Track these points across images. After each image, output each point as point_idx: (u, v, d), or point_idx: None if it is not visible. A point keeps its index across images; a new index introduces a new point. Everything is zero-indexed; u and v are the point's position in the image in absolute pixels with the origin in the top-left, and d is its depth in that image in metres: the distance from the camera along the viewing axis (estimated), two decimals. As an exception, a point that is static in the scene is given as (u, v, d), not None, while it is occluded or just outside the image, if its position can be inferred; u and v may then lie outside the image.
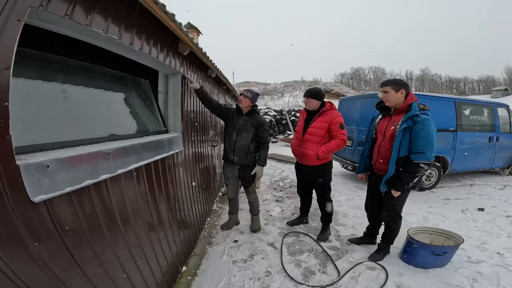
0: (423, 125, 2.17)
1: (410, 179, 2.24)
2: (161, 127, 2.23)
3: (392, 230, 2.59)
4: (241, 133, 2.88)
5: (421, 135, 2.16)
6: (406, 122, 2.23)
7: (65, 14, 1.07)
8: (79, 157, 1.15)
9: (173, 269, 2.18)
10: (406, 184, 2.27)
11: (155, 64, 2.01)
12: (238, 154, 2.90)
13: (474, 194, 4.79)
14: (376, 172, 2.57)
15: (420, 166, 2.18)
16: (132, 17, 1.56)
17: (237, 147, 2.88)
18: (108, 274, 1.34)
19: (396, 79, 2.41)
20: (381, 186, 2.41)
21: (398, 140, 2.25)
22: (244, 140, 2.88)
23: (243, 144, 2.88)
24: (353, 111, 5.55)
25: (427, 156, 2.17)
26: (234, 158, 2.92)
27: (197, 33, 8.00)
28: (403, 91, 2.31)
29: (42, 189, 0.97)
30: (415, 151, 2.19)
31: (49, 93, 1.32)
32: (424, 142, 2.16)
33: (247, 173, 3.00)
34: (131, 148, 1.53)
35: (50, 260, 1.01)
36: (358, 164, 2.82)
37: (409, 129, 2.22)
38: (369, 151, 2.66)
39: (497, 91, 22.74)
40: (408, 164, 2.23)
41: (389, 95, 2.34)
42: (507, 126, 5.90)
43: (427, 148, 2.16)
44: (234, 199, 3.28)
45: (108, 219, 1.35)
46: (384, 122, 2.49)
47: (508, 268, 2.41)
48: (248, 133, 2.88)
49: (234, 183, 3.15)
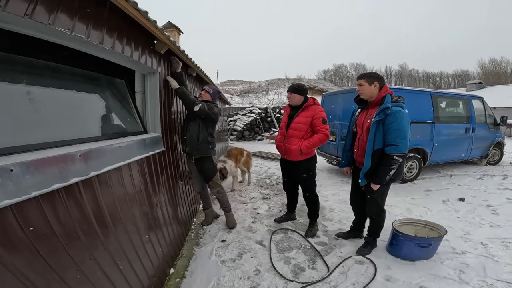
0: (394, 117, 2.19)
1: (386, 171, 2.26)
2: (139, 128, 2.15)
3: (377, 223, 2.61)
4: (189, 124, 2.84)
5: (393, 127, 2.19)
6: (378, 115, 2.25)
7: (25, 14, 1.03)
8: (45, 160, 1.08)
9: (160, 272, 2.13)
10: (383, 176, 2.28)
11: (129, 63, 1.94)
12: (191, 147, 2.86)
13: (454, 185, 4.94)
14: (358, 166, 2.60)
15: (394, 159, 2.21)
16: (102, 15, 1.51)
17: (188, 138, 2.84)
18: (88, 280, 1.30)
19: (371, 72, 2.44)
20: (360, 179, 2.43)
21: (372, 133, 2.27)
22: (192, 132, 2.82)
23: (193, 137, 2.82)
24: (336, 106, 5.62)
25: (399, 148, 2.19)
26: (186, 149, 2.91)
27: (177, 32, 7.85)
28: (376, 84, 2.34)
29: (7, 193, 0.93)
30: (388, 144, 2.22)
31: (13, 95, 1.24)
32: (396, 134, 2.19)
33: (204, 166, 2.97)
34: (105, 150, 1.46)
35: (24, 266, 0.99)
36: (341, 158, 2.85)
37: (382, 122, 2.24)
38: (350, 144, 2.69)
39: (472, 84, 23.60)
40: (384, 157, 2.25)
41: (363, 88, 2.38)
42: (483, 118, 6.14)
43: (398, 140, 2.18)
44: (201, 192, 3.27)
45: (84, 223, 1.30)
46: (362, 115, 2.52)
47: (493, 258, 2.44)
48: (195, 122, 2.81)
49: (196, 176, 3.13)
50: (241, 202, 4.17)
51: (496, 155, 6.68)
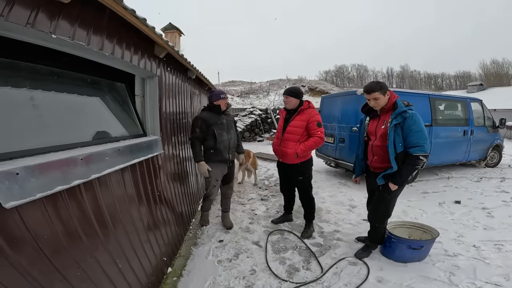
0: (413, 120, 2.25)
1: (409, 171, 2.30)
2: (138, 131, 2.22)
3: (379, 230, 2.63)
4: (230, 132, 3.03)
5: (414, 129, 2.24)
6: (395, 119, 2.30)
7: (27, 23, 1.07)
8: (49, 164, 1.14)
9: (158, 270, 2.18)
10: (406, 176, 2.32)
11: (129, 68, 2.00)
12: (232, 151, 3.07)
13: (451, 187, 4.96)
14: (373, 171, 2.61)
15: (420, 159, 2.25)
16: (101, 22, 1.55)
17: (231, 145, 3.03)
18: (89, 278, 1.36)
19: (378, 82, 2.45)
20: (378, 179, 2.44)
21: (392, 137, 2.31)
22: (234, 137, 3.08)
23: (235, 141, 3.09)
24: (334, 109, 5.64)
25: (424, 149, 2.25)
26: (230, 156, 3.05)
27: (178, 33, 7.90)
28: (389, 93, 2.40)
29: (13, 196, 0.99)
30: (412, 145, 2.26)
31: (17, 100, 1.29)
32: (418, 136, 2.25)
33: (233, 168, 3.22)
34: (105, 153, 1.52)
35: (28, 264, 1.04)
36: (356, 168, 2.86)
37: (400, 125, 2.29)
38: (363, 153, 2.70)
39: (473, 86, 23.52)
40: (408, 158, 2.29)
41: (379, 101, 2.38)
42: (481, 120, 6.16)
43: (422, 141, 2.24)
44: (215, 198, 3.39)
45: (85, 223, 1.36)
46: (374, 123, 2.55)
47: (484, 261, 2.46)
48: (234, 130, 3.11)
49: (219, 183, 3.20)
50: (239, 203, 4.22)
51: (494, 158, 6.70)
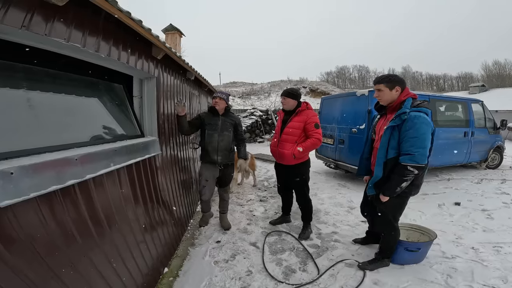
0: (412, 123, 1.94)
1: (397, 182, 2.01)
2: (136, 132, 2.23)
3: (387, 241, 2.39)
4: (222, 133, 3.01)
5: (410, 134, 1.95)
6: (393, 120, 2.04)
7: (22, 26, 1.08)
8: (44, 164, 1.16)
9: (154, 270, 2.19)
10: (394, 187, 2.03)
11: (126, 69, 2.02)
12: (222, 153, 3.03)
13: (451, 189, 4.94)
14: None
15: (408, 169, 1.95)
16: (97, 24, 1.57)
17: (220, 146, 3.00)
18: (83, 277, 1.36)
19: (391, 75, 2.20)
20: (368, 189, 2.27)
21: (385, 140, 2.07)
22: (226, 139, 3.04)
23: (226, 144, 3.04)
24: (334, 110, 5.65)
25: (415, 158, 1.93)
26: (218, 158, 3.02)
27: (179, 34, 7.93)
28: (398, 88, 2.10)
29: (7, 194, 1.00)
30: (403, 153, 1.98)
31: (14, 101, 1.31)
32: (412, 142, 1.94)
33: (228, 172, 3.18)
34: (100, 154, 1.53)
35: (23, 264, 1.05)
36: (359, 166, 2.65)
37: (398, 128, 2.01)
38: (368, 152, 2.50)
39: (474, 87, 23.36)
40: (397, 166, 2.03)
41: (382, 94, 2.15)
42: (482, 121, 6.13)
43: (415, 149, 1.93)
44: (209, 200, 3.33)
45: (79, 222, 1.37)
46: (380, 122, 2.32)
47: (482, 263, 2.44)
48: (229, 132, 3.06)
49: (211, 184, 3.18)
50: (238, 204, 4.22)
51: (495, 159, 6.67)
